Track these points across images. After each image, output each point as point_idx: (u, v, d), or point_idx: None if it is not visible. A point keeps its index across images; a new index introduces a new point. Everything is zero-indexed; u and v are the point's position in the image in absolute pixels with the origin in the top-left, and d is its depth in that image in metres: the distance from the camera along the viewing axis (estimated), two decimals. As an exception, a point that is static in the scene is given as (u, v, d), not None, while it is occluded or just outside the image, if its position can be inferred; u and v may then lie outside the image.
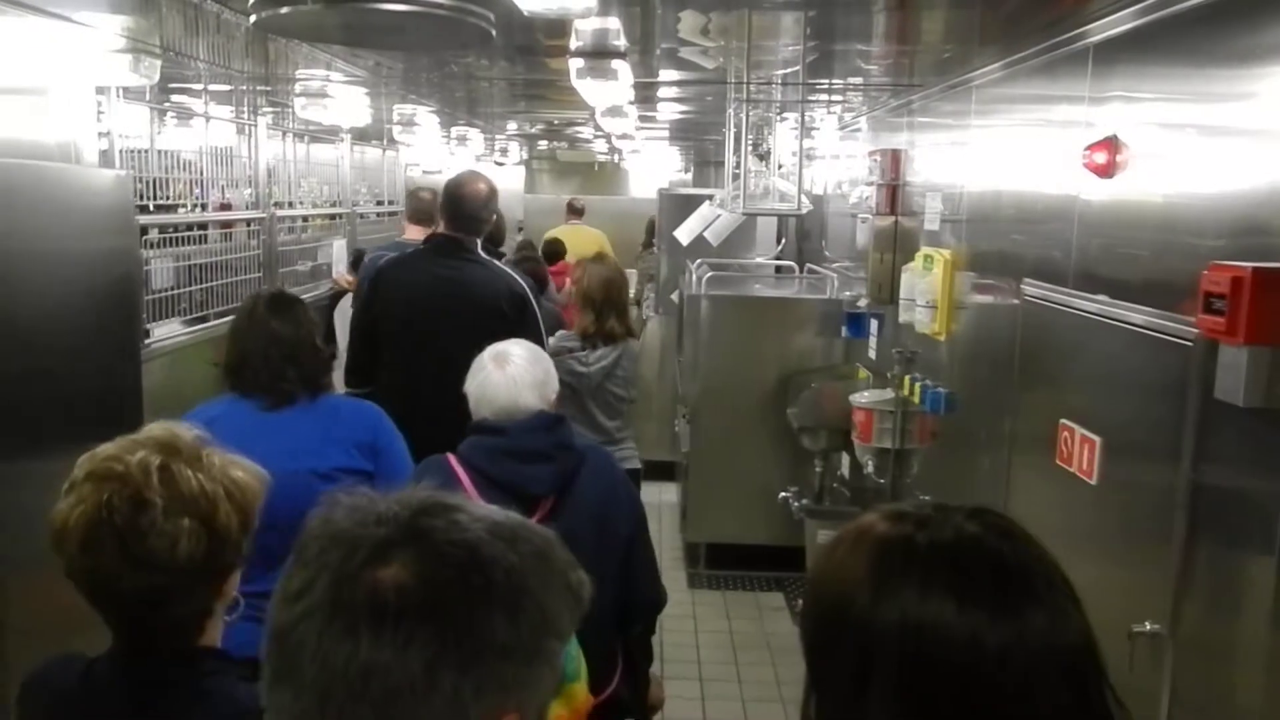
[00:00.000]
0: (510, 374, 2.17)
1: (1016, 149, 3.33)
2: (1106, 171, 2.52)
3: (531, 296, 3.50)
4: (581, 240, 8.26)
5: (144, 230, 4.67)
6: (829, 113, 5.81)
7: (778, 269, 6.84)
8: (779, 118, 5.56)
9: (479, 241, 3.59)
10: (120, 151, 4.36)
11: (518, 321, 3.30)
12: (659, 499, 6.74)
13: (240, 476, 1.36)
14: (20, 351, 2.45)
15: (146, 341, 4.60)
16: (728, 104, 5.50)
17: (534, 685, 0.79)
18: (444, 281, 3.42)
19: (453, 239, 3.51)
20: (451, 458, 2.15)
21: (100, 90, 4.11)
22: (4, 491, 2.37)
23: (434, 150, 9.73)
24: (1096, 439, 2.47)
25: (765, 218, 6.99)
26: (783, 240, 7.30)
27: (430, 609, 0.75)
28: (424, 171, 11.17)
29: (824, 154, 6.82)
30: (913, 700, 0.83)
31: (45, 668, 1.40)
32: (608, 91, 3.62)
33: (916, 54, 3.75)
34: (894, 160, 4.36)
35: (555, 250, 7.79)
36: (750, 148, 5.70)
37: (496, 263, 3.66)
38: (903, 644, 0.84)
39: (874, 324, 4.68)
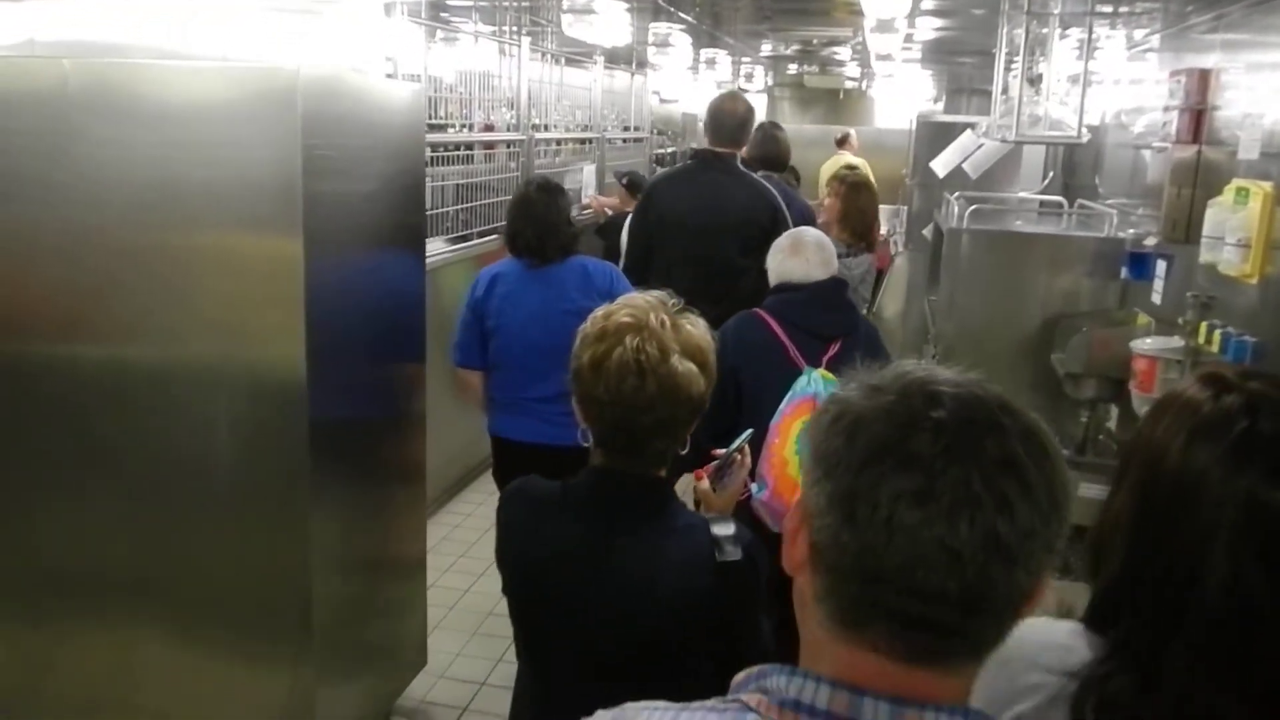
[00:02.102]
0: (804, 256, 2.82)
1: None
2: None
3: (783, 206, 3.90)
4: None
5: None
6: (1114, 30, 5.30)
7: (1042, 204, 6.38)
8: (1059, 34, 5.12)
9: (738, 155, 3.96)
10: (401, 74, 4.56)
11: (770, 228, 3.63)
12: (897, 439, 6.54)
13: (707, 335, 1.69)
14: (328, 258, 2.59)
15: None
16: (1000, 19, 5.11)
17: None
18: (706, 192, 3.80)
19: (714, 153, 3.90)
20: (759, 311, 2.79)
21: (385, 10, 4.31)
22: (325, 393, 2.55)
23: (678, 76, 9.68)
24: None
25: (1030, 149, 6.53)
26: (1050, 174, 6.80)
27: (1042, 477, 0.79)
28: (662, 100, 11.13)
29: (1103, 78, 6.26)
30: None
31: (522, 483, 1.73)
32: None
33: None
34: (1200, 82, 3.91)
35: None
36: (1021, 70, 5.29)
37: (752, 174, 4.00)
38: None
39: (1161, 265, 4.28)
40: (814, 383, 2.56)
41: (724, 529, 1.62)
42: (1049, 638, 1.10)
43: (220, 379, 2.59)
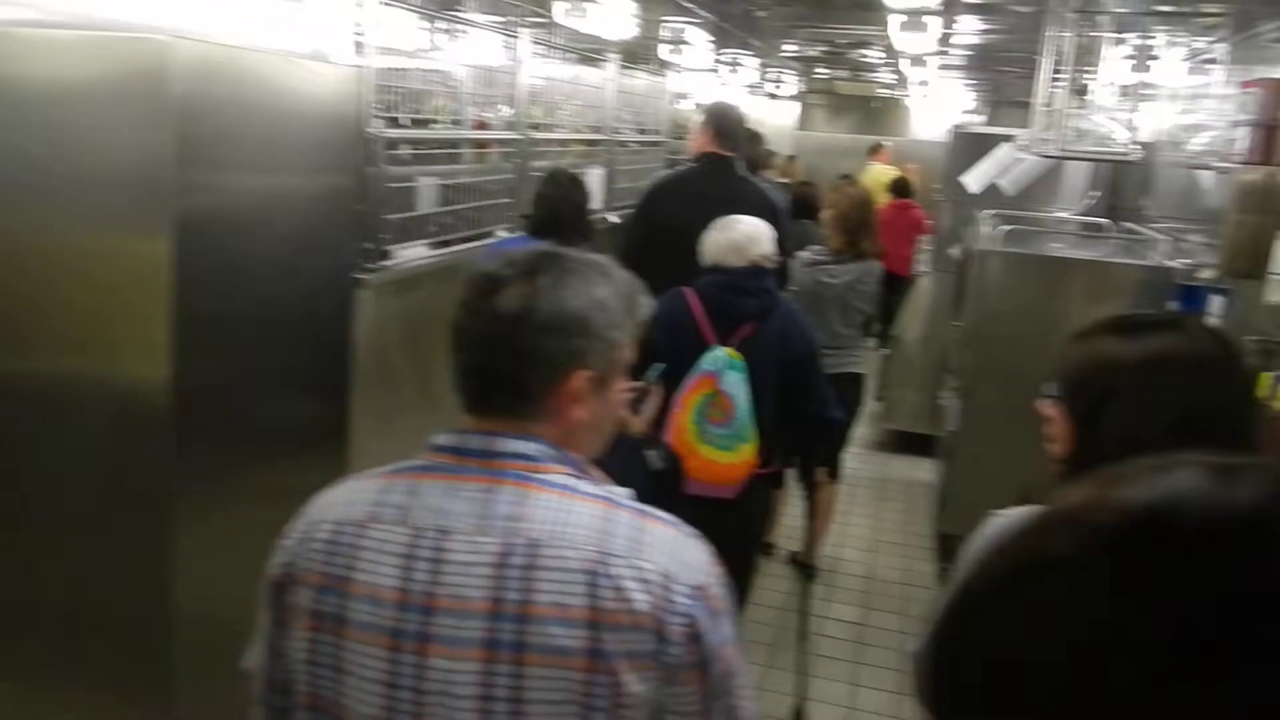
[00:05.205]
0: (726, 236, 2.96)
1: None
2: None
3: (780, 208, 4.02)
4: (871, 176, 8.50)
5: (393, 145, 4.47)
6: (1175, 39, 4.80)
7: (1085, 226, 5.86)
8: (1114, 40, 4.62)
9: (738, 160, 4.10)
10: (374, 64, 4.15)
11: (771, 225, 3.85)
12: (911, 475, 6.05)
13: None
14: (208, 264, 2.18)
15: (385, 263, 4.43)
16: (1044, 22, 4.63)
17: None
18: (711, 192, 3.89)
19: (721, 156, 4.05)
20: (685, 290, 2.95)
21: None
22: (199, 419, 2.14)
23: (703, 79, 9.23)
24: None
25: (1073, 165, 6.01)
26: (1095, 193, 6.27)
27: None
28: (696, 105, 10.69)
29: (1157, 91, 5.74)
30: None
31: None
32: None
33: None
34: (1277, 95, 3.40)
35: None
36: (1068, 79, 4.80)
37: (753, 177, 4.22)
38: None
39: (1217, 301, 3.77)
40: (717, 360, 2.77)
41: (650, 449, 2.22)
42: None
43: (77, 400, 2.18)
